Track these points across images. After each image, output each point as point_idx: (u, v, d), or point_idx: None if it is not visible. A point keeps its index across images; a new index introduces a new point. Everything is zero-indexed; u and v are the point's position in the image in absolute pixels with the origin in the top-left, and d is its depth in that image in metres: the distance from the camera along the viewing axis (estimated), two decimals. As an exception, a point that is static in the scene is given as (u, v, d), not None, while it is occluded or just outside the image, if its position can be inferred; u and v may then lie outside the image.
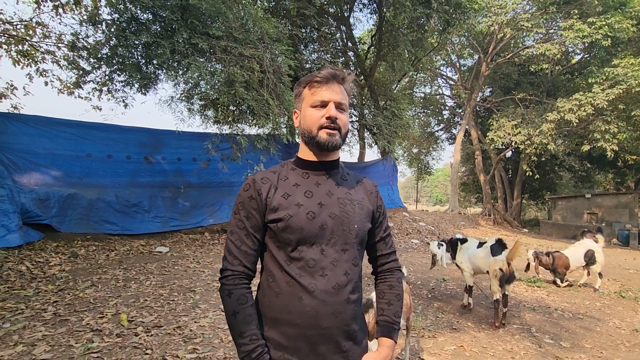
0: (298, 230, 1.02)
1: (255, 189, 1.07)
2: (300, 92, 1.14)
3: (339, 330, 1.03)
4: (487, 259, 4.21)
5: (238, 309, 1.02)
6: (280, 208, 1.04)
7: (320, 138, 1.07)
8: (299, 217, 1.03)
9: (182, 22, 5.45)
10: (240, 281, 1.05)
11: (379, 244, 1.23)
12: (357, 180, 1.22)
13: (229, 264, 1.06)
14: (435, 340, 3.53)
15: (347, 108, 1.13)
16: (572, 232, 16.40)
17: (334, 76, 1.09)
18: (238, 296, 1.02)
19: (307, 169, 1.13)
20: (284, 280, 1.03)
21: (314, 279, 1.02)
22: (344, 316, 1.03)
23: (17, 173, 5.71)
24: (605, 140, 13.65)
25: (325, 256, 1.04)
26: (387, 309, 1.18)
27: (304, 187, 1.09)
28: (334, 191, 1.11)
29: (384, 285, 1.22)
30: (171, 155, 7.60)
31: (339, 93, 1.10)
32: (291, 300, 1.01)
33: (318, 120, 1.07)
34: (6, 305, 3.41)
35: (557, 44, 14.12)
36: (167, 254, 6.07)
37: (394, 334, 1.15)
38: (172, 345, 2.95)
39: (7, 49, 7.27)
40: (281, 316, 1.03)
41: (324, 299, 1.01)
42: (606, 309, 5.11)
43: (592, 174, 23.67)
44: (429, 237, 11.46)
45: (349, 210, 1.10)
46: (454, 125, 24.78)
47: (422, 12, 9.02)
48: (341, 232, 1.07)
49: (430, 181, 55.31)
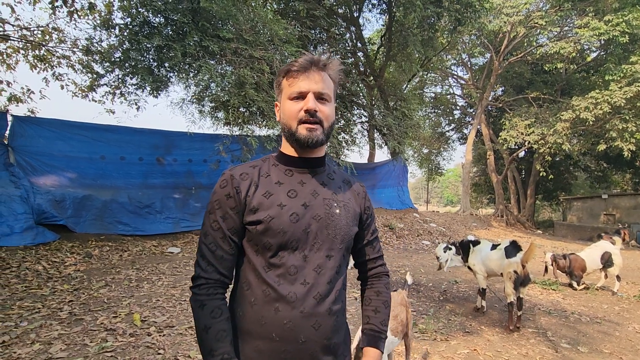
0: (280, 234, 0.92)
1: (233, 185, 0.95)
2: (279, 83, 1.02)
3: (319, 345, 0.92)
4: (501, 261, 4.13)
5: (210, 323, 0.89)
6: (261, 208, 0.93)
7: (300, 134, 0.96)
8: (281, 219, 0.92)
9: (193, 25, 5.51)
10: (214, 290, 0.93)
11: (367, 248, 1.13)
12: (343, 180, 1.11)
13: (202, 270, 0.94)
14: (448, 343, 3.48)
15: (330, 98, 1.00)
16: (588, 233, 16.02)
17: (313, 62, 0.97)
18: (212, 308, 0.91)
19: (290, 166, 1.02)
20: (260, 290, 0.92)
21: (293, 287, 0.91)
22: (324, 329, 0.93)
23: (34, 175, 5.86)
24: (623, 140, 13.30)
25: (307, 263, 0.94)
26: (374, 317, 1.08)
27: (287, 185, 0.98)
28: (320, 191, 1.01)
29: (371, 292, 1.13)
30: (182, 157, 7.69)
31: (319, 82, 0.97)
32: (266, 312, 0.91)
33: (296, 113, 0.96)
34: (24, 304, 3.48)
35: (572, 42, 13.82)
36: (178, 255, 6.14)
37: (380, 343, 1.06)
38: (184, 345, 2.97)
39: (25, 54, 7.48)
40: (254, 329, 0.92)
41: (304, 310, 0.90)
42: (625, 313, 4.96)
43: (608, 174, 23.10)
44: (439, 238, 11.33)
45: (334, 212, 0.99)
46: (465, 125, 24.49)
47: (433, 11, 8.94)
48: (326, 237, 0.97)
49: (441, 182, 54.73)
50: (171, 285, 4.53)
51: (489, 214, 20.93)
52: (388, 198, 13.41)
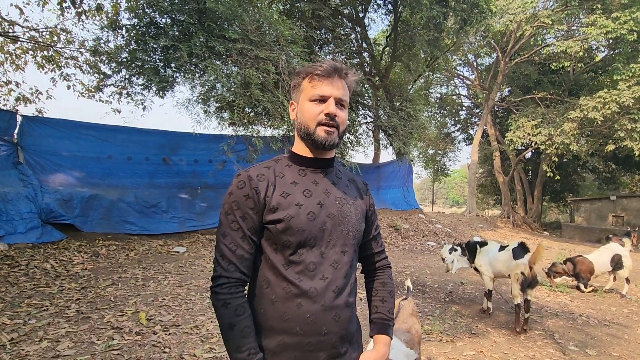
0: (299, 232, 0.96)
1: (252, 187, 0.98)
2: (299, 83, 1.07)
3: (338, 335, 0.99)
4: (509, 262, 4.09)
5: (235, 320, 0.93)
6: (280, 208, 0.97)
7: (318, 136, 1.01)
8: (299, 218, 0.97)
9: (199, 26, 5.54)
10: (236, 289, 0.96)
11: (372, 243, 1.21)
12: (349, 179, 1.17)
13: (223, 270, 0.96)
14: (454, 344, 3.45)
15: (347, 105, 1.07)
16: (596, 235, 15.81)
17: (337, 70, 1.03)
18: (235, 307, 0.94)
19: (303, 166, 1.07)
20: (280, 287, 0.96)
21: (313, 282, 0.96)
22: (343, 320, 1.00)
23: (43, 174, 5.92)
24: (632, 139, 13.12)
25: (325, 259, 0.99)
26: (382, 306, 1.16)
27: (302, 185, 1.03)
28: (331, 190, 1.06)
29: (377, 283, 1.21)
30: (188, 157, 7.74)
31: (340, 88, 1.03)
32: (289, 308, 0.95)
33: (316, 115, 1.01)
34: (32, 302, 3.52)
35: (579, 40, 13.67)
36: (184, 254, 6.17)
37: (389, 330, 1.14)
38: (190, 344, 2.98)
39: (34, 55, 7.57)
40: (278, 325, 0.96)
41: (325, 304, 0.96)
42: (634, 316, 4.89)
43: (617, 176, 22.78)
44: (445, 239, 11.27)
45: (346, 210, 1.05)
46: (470, 125, 24.32)
47: (439, 11, 8.89)
48: (340, 233, 1.02)
49: (446, 183, 54.42)
50: (177, 285, 4.55)
51: (495, 215, 20.77)
52: (393, 198, 13.36)
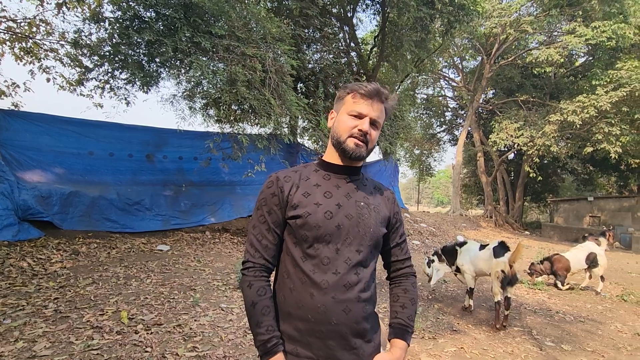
0: (315, 228, 1.06)
1: (278, 186, 1.12)
2: (343, 97, 1.18)
3: (349, 328, 1.06)
4: (490, 260, 4.19)
5: (257, 299, 1.06)
6: (300, 206, 1.09)
7: (347, 146, 1.11)
8: (316, 215, 1.07)
9: (185, 21, 5.45)
10: (260, 273, 1.10)
11: (395, 249, 1.26)
12: (374, 187, 1.25)
13: (250, 256, 1.11)
14: (436, 341, 3.52)
15: (380, 126, 1.17)
16: (574, 235, 16.34)
17: (378, 94, 1.13)
18: (257, 288, 1.08)
19: (329, 172, 1.18)
20: (297, 277, 1.08)
21: (326, 275, 1.05)
22: (354, 314, 1.06)
23: (19, 170, 5.73)
24: (609, 142, 13.60)
25: (339, 255, 1.07)
26: (401, 312, 1.19)
27: (324, 187, 1.14)
28: (353, 194, 1.15)
29: (399, 289, 1.24)
30: (173, 154, 7.61)
31: (377, 110, 1.14)
32: (303, 297, 1.05)
33: (350, 128, 1.11)
34: (7, 302, 3.41)
35: (559, 48, 14.07)
36: (168, 252, 6.07)
37: (407, 336, 1.16)
38: (172, 343, 2.95)
39: (11, 46, 7.30)
40: (294, 311, 1.07)
41: (335, 296, 1.04)
42: (608, 313, 5.08)
43: (594, 177, 23.58)
44: (430, 238, 11.44)
45: (365, 213, 1.13)
46: (456, 127, 24.73)
47: (426, 13, 8.99)
48: (356, 234, 1.10)
49: (431, 183, 55.16)
50: (160, 283, 4.48)
51: (479, 214, 21.20)
52: (379, 198, 13.47)
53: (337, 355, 1.06)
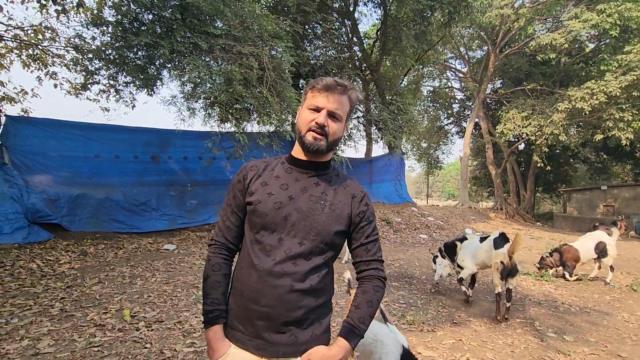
0: (262, 216, 1.13)
1: (243, 174, 1.23)
2: (305, 93, 1.21)
3: (278, 314, 1.09)
4: (490, 252, 4.16)
5: (210, 274, 1.18)
6: (255, 193, 1.16)
7: (306, 139, 1.14)
8: (266, 204, 1.13)
9: (181, 22, 5.50)
10: (219, 251, 1.21)
11: (359, 250, 1.24)
12: (342, 185, 1.24)
13: (215, 235, 1.24)
14: (434, 334, 3.52)
15: (342, 118, 1.17)
16: (586, 225, 15.99)
17: (336, 85, 1.15)
18: (213, 264, 1.19)
19: (293, 165, 1.22)
20: (245, 257, 1.16)
21: (264, 260, 1.11)
22: (286, 302, 1.08)
23: (28, 174, 5.89)
24: (619, 129, 13.24)
25: (281, 245, 1.12)
26: (354, 312, 1.17)
27: (283, 180, 1.19)
28: (310, 189, 1.18)
29: (359, 290, 1.23)
30: (177, 154, 7.71)
31: (335, 102, 1.14)
32: (244, 275, 1.14)
33: (308, 122, 1.14)
34: (16, 302, 3.54)
35: (565, 32, 13.72)
36: (174, 252, 6.19)
37: (351, 337, 1.13)
38: (171, 339, 3.02)
39: (19, 54, 7.49)
40: (237, 286, 1.16)
41: (267, 280, 1.09)
42: (616, 303, 4.99)
43: (609, 166, 23.02)
44: (437, 232, 11.36)
45: (317, 208, 1.15)
46: (463, 118, 24.39)
47: (426, 5, 8.89)
48: (302, 227, 1.13)
49: (442, 176, 54.62)
50: (164, 282, 4.58)
51: (489, 207, 20.93)
52: (386, 192, 13.41)
53: (264, 336, 1.10)
